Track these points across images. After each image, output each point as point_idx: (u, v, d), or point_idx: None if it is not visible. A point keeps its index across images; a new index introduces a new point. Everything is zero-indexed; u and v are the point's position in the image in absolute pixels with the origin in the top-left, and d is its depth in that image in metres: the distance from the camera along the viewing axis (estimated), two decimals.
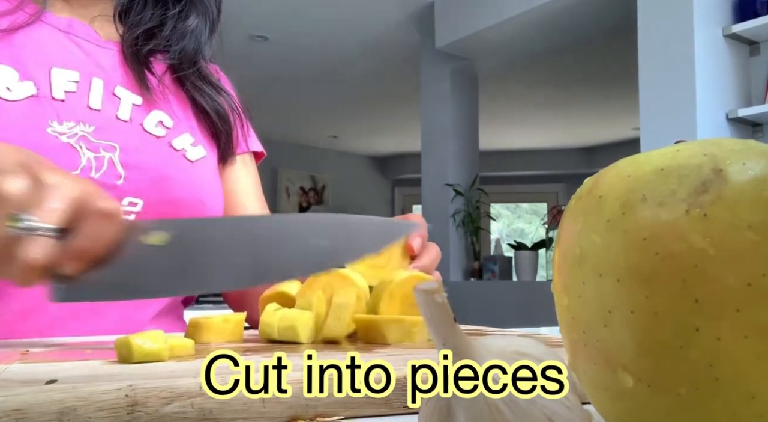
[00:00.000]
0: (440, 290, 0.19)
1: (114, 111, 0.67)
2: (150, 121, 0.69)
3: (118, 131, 0.66)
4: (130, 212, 0.64)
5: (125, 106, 0.68)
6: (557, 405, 0.20)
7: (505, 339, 0.22)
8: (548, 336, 0.58)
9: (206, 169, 0.72)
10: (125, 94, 0.69)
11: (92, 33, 0.71)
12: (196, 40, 0.77)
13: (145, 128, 0.68)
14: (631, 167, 0.23)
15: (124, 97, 0.69)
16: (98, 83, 0.67)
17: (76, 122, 0.63)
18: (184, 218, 0.56)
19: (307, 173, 7.35)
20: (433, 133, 4.18)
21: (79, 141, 0.62)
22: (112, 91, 0.68)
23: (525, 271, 4.00)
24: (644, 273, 0.20)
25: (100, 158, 0.63)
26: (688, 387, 0.20)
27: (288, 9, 4.01)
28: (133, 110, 0.68)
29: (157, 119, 0.70)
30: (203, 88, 0.76)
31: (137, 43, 0.72)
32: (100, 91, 0.67)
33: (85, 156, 0.62)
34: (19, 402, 0.25)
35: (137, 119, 0.68)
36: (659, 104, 2.61)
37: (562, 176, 7.40)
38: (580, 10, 3.33)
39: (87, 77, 0.67)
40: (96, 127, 0.64)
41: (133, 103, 0.69)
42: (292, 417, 0.29)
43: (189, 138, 0.72)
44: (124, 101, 0.68)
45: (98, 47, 0.71)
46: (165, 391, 0.27)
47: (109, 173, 0.63)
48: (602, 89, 5.25)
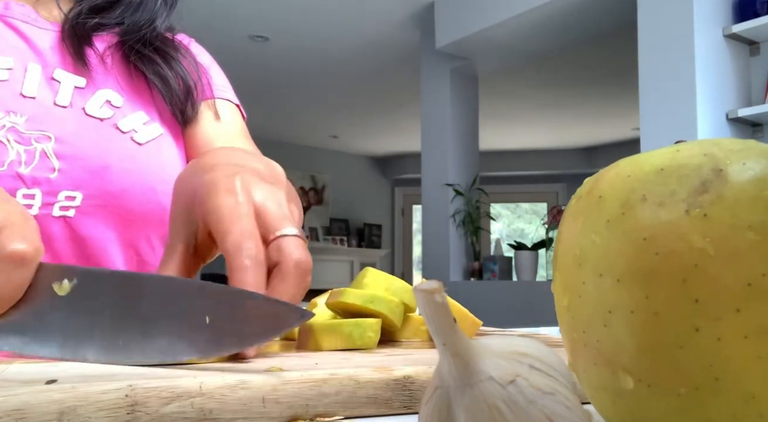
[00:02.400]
0: (440, 290, 0.19)
1: (52, 97, 0.62)
2: (94, 103, 0.64)
3: (55, 118, 0.61)
4: (68, 206, 0.60)
5: (65, 90, 0.63)
6: (557, 405, 0.20)
7: (505, 339, 0.22)
8: (548, 335, 0.58)
9: (159, 151, 0.66)
10: (66, 77, 0.64)
11: (32, 14, 0.67)
12: (149, 12, 0.72)
13: (88, 111, 0.64)
14: (631, 167, 0.23)
15: (65, 80, 0.64)
16: (35, 69, 0.63)
17: (6, 112, 0.59)
18: (88, 267, 0.50)
19: (307, 173, 7.36)
20: (433, 133, 4.18)
21: (7, 134, 0.58)
22: (51, 76, 0.64)
23: (525, 271, 4.00)
24: (644, 273, 0.20)
25: (30, 150, 0.59)
26: (688, 387, 0.20)
27: (288, 9, 4.02)
28: (75, 93, 0.64)
29: (104, 99, 0.65)
30: (150, 57, 0.70)
31: (79, 17, 0.68)
32: (36, 78, 0.63)
33: (13, 150, 0.58)
34: (18, 402, 0.25)
35: (79, 103, 0.64)
36: (659, 104, 2.61)
37: (562, 176, 7.40)
38: (580, 10, 3.34)
39: (23, 63, 0.63)
40: (28, 116, 0.60)
41: (76, 85, 0.64)
42: (292, 417, 0.29)
43: (142, 117, 0.67)
44: (64, 85, 0.64)
45: (39, 29, 0.67)
46: (165, 391, 0.27)
47: (41, 166, 0.59)
48: (602, 89, 5.26)
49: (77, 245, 0.60)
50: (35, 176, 0.58)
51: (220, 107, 0.75)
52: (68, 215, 0.60)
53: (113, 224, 0.62)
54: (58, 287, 0.37)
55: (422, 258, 4.24)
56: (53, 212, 0.59)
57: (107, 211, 0.62)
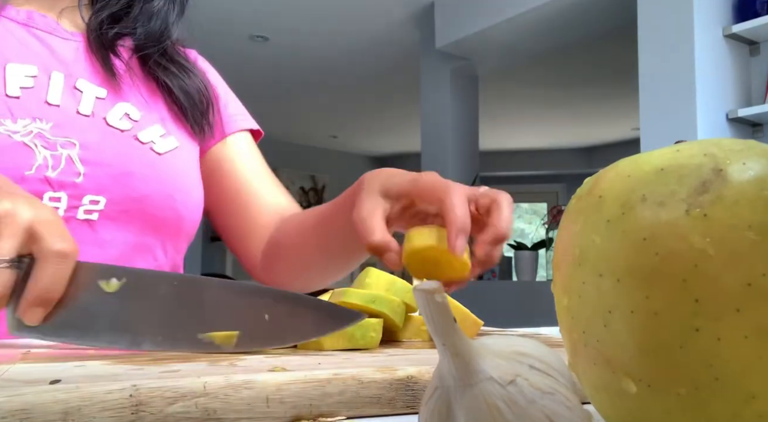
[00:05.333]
0: (440, 291, 0.19)
1: (75, 106, 0.64)
2: (114, 114, 0.66)
3: (79, 126, 0.63)
4: (92, 210, 0.62)
5: (87, 100, 0.65)
6: (557, 405, 0.20)
7: (505, 339, 0.22)
8: (548, 335, 0.58)
9: (177, 161, 0.69)
10: (88, 87, 0.66)
11: (54, 24, 0.69)
12: (162, 21, 0.74)
13: (109, 122, 0.66)
14: (631, 167, 0.23)
15: (87, 90, 0.66)
16: (58, 77, 0.65)
17: (32, 119, 0.61)
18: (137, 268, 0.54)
19: (307, 173, 7.35)
20: (433, 133, 4.18)
21: (35, 139, 0.60)
22: (74, 85, 0.65)
23: (525, 271, 4.00)
24: (644, 273, 0.20)
25: (57, 155, 0.60)
26: (688, 387, 0.20)
27: (288, 9, 4.01)
28: (96, 103, 0.66)
29: (123, 112, 0.67)
30: (169, 68, 0.72)
31: (102, 27, 0.69)
32: (60, 86, 0.64)
33: (40, 154, 0.60)
34: (23, 402, 0.25)
35: (100, 113, 0.65)
36: (659, 104, 2.61)
37: (562, 176, 7.39)
38: (580, 10, 3.33)
39: (46, 71, 0.64)
40: (54, 123, 0.62)
41: (97, 96, 0.66)
42: (295, 417, 0.29)
43: (159, 129, 0.69)
44: (87, 95, 0.66)
45: (61, 39, 0.68)
46: (169, 391, 0.27)
47: (67, 171, 0.60)
48: (602, 89, 5.25)
49: (99, 248, 0.62)
50: (62, 180, 0.60)
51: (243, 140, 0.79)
52: (92, 218, 0.62)
53: (134, 229, 0.64)
54: (105, 285, 0.40)
55: None
56: (78, 215, 0.61)
57: (129, 216, 0.64)
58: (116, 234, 0.63)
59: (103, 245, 0.62)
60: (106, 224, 0.62)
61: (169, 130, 0.70)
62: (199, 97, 0.73)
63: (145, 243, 0.66)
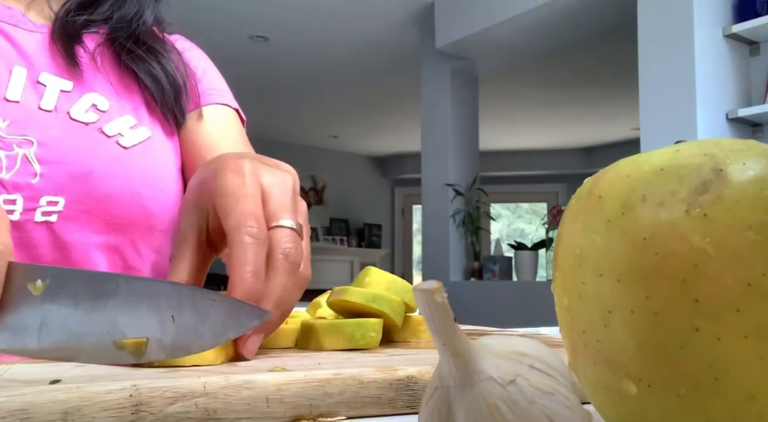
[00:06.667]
0: (440, 291, 0.19)
1: (36, 101, 0.61)
2: (80, 107, 0.63)
3: (39, 123, 0.60)
4: (50, 212, 0.59)
5: (51, 94, 0.62)
6: (557, 405, 0.20)
7: (505, 339, 0.22)
8: (548, 335, 0.58)
9: (146, 154, 0.65)
10: (52, 80, 0.63)
11: (20, 16, 0.66)
12: (137, 4, 0.71)
13: (73, 115, 0.62)
14: (631, 167, 0.23)
15: (51, 84, 0.63)
16: (20, 72, 0.62)
17: None
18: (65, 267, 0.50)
19: (307, 173, 7.35)
20: (433, 133, 4.18)
21: None
22: (37, 79, 0.62)
23: (525, 271, 4.00)
24: (644, 273, 0.20)
25: (12, 155, 0.58)
26: (688, 387, 0.20)
27: (288, 9, 4.02)
28: (61, 97, 0.63)
29: (90, 103, 0.64)
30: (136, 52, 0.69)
31: (68, 15, 0.67)
32: (21, 81, 0.61)
33: None
34: (23, 402, 0.25)
35: (64, 108, 0.62)
36: (659, 104, 2.61)
37: (562, 176, 7.40)
38: (580, 10, 3.34)
39: (7, 67, 0.62)
40: (11, 121, 0.59)
41: (62, 89, 0.63)
42: (295, 417, 0.29)
43: (129, 120, 0.65)
44: (50, 89, 0.63)
45: (26, 32, 0.65)
46: (169, 391, 0.27)
47: (22, 172, 0.58)
48: (602, 89, 5.25)
49: (60, 251, 0.59)
50: (16, 181, 0.57)
51: (219, 112, 0.75)
52: (51, 220, 0.59)
53: (97, 230, 0.61)
54: (32, 288, 0.37)
55: (422, 258, 4.23)
56: (35, 217, 0.58)
57: (91, 216, 0.61)
58: (77, 236, 0.60)
59: (65, 248, 0.59)
60: (67, 226, 0.59)
61: (142, 119, 0.67)
62: (169, 82, 0.70)
63: (111, 244, 0.62)
